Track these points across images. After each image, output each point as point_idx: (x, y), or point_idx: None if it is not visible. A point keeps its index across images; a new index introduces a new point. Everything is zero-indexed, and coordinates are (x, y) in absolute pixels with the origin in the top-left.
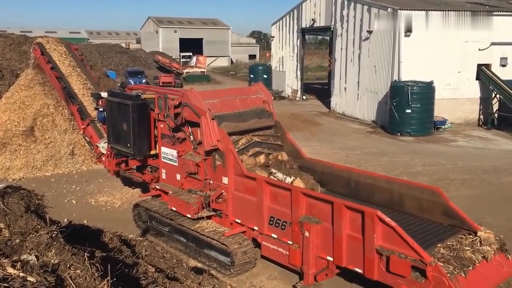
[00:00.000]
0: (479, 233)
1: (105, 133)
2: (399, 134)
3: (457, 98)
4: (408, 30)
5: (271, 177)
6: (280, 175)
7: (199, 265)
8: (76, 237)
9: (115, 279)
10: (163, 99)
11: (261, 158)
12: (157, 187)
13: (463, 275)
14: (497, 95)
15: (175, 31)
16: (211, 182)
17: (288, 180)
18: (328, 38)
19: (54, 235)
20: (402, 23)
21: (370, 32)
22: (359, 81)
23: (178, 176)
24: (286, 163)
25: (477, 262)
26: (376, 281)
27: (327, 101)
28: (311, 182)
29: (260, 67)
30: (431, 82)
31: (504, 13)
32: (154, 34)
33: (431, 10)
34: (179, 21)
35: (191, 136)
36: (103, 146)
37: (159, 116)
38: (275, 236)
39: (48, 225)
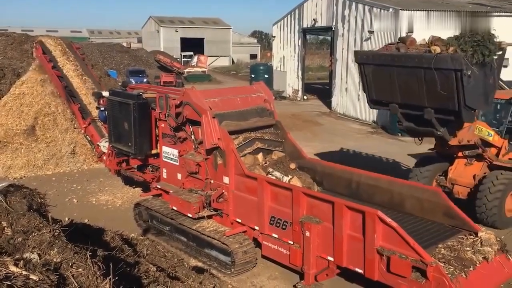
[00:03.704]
0: (480, 234)
1: (106, 132)
2: (400, 134)
3: None
4: (410, 31)
5: (269, 176)
6: (277, 174)
7: (200, 264)
8: (78, 236)
9: (117, 277)
10: (164, 98)
11: (260, 157)
12: (158, 186)
13: (463, 275)
14: None
15: (176, 31)
16: (212, 181)
17: (286, 179)
18: (329, 38)
19: (56, 233)
20: (403, 23)
21: (371, 32)
22: (360, 82)
23: (179, 176)
24: (283, 162)
25: (478, 262)
26: (377, 281)
27: (328, 101)
28: (308, 181)
29: (261, 67)
30: None
31: (505, 13)
32: (155, 34)
33: (432, 10)
34: (180, 21)
35: (192, 136)
36: (104, 145)
37: (160, 116)
38: (275, 235)
39: (50, 224)
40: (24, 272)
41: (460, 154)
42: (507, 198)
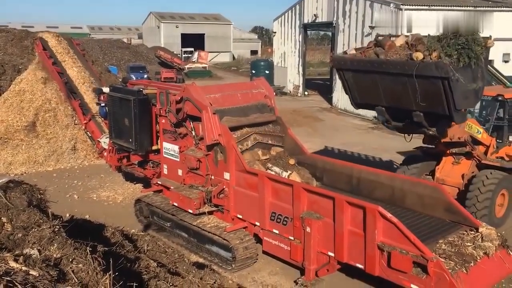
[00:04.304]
0: (480, 229)
1: (106, 128)
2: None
3: None
4: (411, 26)
5: (268, 171)
6: (276, 169)
7: (201, 260)
8: (78, 232)
9: (117, 273)
10: (164, 94)
11: (259, 153)
12: (158, 182)
13: (464, 271)
14: None
15: (177, 27)
16: (213, 177)
17: (285, 174)
18: (330, 33)
19: (56, 229)
20: (404, 19)
21: (372, 27)
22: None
23: (180, 172)
24: (282, 157)
25: (479, 258)
26: (377, 277)
27: (329, 97)
28: (307, 176)
29: (262, 63)
30: None
31: (507, 8)
32: (155, 30)
33: (434, 5)
34: (181, 16)
35: (192, 132)
36: (104, 141)
37: (161, 111)
38: (276, 231)
39: (50, 220)
40: (24, 268)
41: (448, 152)
42: (497, 198)
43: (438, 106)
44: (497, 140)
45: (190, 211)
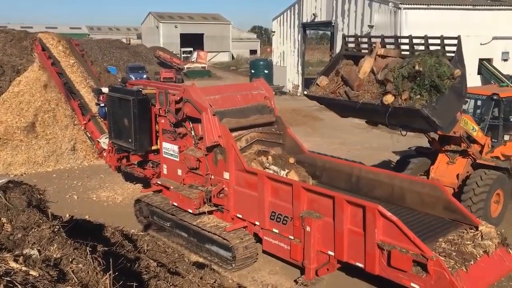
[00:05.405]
0: (480, 228)
1: (106, 128)
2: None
3: None
4: (409, 25)
5: (266, 170)
6: (274, 168)
7: (201, 260)
8: (78, 232)
9: (117, 273)
10: (164, 94)
11: (259, 153)
12: (158, 182)
13: (464, 269)
14: None
15: (176, 27)
16: (212, 177)
17: (282, 173)
18: (329, 33)
19: (56, 229)
20: (403, 18)
21: (371, 27)
22: None
23: (180, 172)
24: (281, 156)
25: (479, 256)
26: (377, 276)
27: None
28: (303, 174)
29: (261, 62)
30: None
31: (506, 7)
32: (154, 30)
33: (433, 5)
34: (180, 16)
35: (192, 132)
36: (104, 141)
37: (160, 112)
38: (276, 231)
39: (50, 220)
40: (24, 268)
41: (443, 149)
42: (492, 198)
43: (424, 128)
44: (492, 140)
45: (190, 211)
